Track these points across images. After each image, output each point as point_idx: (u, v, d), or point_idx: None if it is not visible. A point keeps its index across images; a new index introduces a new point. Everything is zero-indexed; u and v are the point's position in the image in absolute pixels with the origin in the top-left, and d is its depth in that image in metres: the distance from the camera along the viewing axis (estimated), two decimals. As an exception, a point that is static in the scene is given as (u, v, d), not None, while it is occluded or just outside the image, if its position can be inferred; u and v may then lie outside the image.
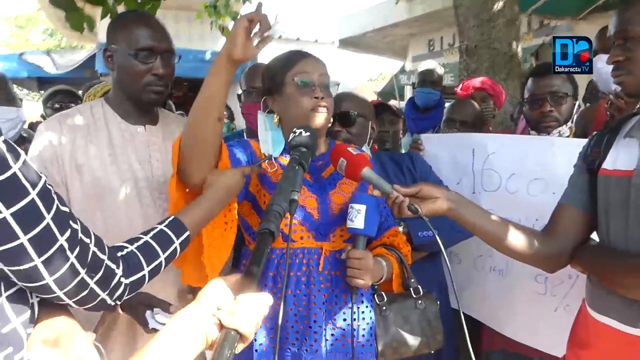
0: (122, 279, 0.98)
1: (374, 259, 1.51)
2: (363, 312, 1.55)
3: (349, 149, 1.44)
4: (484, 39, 3.54)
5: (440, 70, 3.91)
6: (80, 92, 3.37)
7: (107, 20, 3.06)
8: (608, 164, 1.34)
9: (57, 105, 3.14)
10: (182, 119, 1.86)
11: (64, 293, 0.88)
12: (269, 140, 1.57)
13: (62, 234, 0.85)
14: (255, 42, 1.26)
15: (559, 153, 1.86)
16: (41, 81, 7.58)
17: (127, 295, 1.02)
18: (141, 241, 1.09)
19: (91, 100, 2.54)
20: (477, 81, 3.31)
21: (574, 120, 2.07)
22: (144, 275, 1.06)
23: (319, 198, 1.54)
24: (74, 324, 0.94)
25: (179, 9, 8.17)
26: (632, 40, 1.26)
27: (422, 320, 1.59)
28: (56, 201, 0.87)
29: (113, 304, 0.99)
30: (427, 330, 1.59)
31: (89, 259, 0.91)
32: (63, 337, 0.90)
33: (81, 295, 0.91)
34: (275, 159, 1.56)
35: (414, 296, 1.62)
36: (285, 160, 1.56)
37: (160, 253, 1.11)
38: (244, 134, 2.38)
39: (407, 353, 1.57)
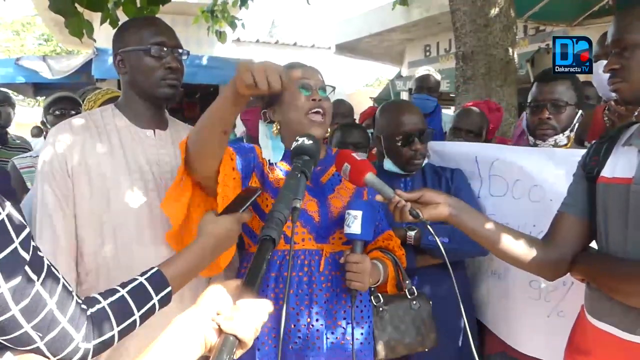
0: (82, 344, 0.92)
1: (371, 262, 1.56)
2: (362, 311, 1.60)
3: (354, 154, 1.47)
4: (481, 44, 3.53)
5: (437, 77, 3.92)
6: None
7: (105, 26, 3.07)
8: (607, 171, 1.35)
9: (58, 112, 3.03)
10: (191, 127, 1.85)
11: (4, 340, 0.84)
12: (270, 148, 1.62)
13: (6, 281, 0.80)
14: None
15: (558, 162, 1.86)
16: (37, 87, 7.50)
17: (91, 358, 0.95)
18: (116, 296, 1.03)
19: (91, 106, 2.53)
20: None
21: (574, 129, 2.06)
22: (113, 335, 0.99)
23: (319, 202, 1.59)
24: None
25: (176, 14, 8.18)
26: (628, 49, 1.27)
27: (416, 319, 1.67)
28: (15, 243, 0.81)
29: None
30: (421, 329, 1.67)
31: (40, 316, 0.85)
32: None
33: (28, 348, 0.87)
34: (275, 164, 1.61)
35: (409, 297, 1.69)
36: (285, 165, 1.62)
37: (135, 311, 1.04)
38: (244, 141, 2.39)
39: (403, 351, 1.65)
